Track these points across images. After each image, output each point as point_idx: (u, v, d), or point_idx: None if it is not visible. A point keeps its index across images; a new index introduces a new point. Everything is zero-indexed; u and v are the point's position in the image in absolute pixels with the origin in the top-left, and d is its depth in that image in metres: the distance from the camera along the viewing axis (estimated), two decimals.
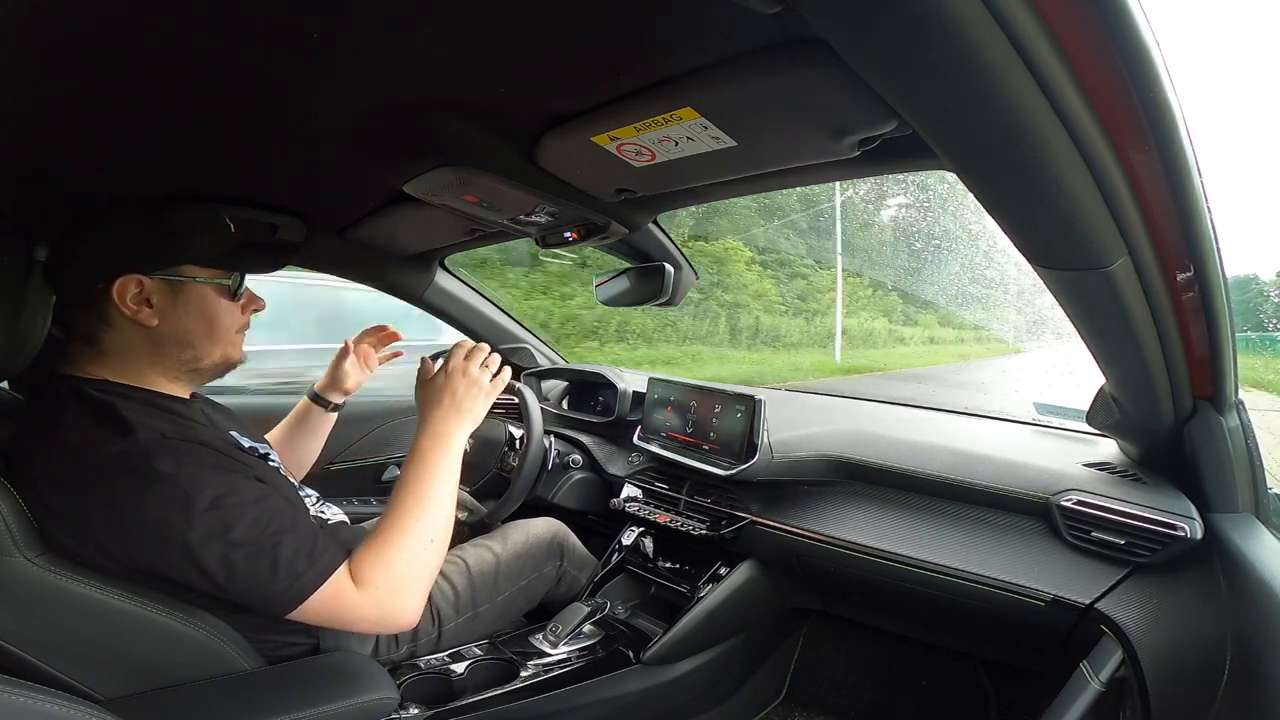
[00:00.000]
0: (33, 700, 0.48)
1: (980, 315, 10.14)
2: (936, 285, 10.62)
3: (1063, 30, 0.38)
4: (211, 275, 0.79)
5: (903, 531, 1.04)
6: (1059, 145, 0.44)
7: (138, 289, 0.74)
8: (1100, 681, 0.78)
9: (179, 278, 0.77)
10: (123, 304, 0.73)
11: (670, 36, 0.54)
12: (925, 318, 13.94)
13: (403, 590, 0.73)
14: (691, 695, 1.19)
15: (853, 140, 0.63)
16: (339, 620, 0.72)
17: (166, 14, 0.49)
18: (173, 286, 0.76)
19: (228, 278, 0.81)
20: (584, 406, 1.70)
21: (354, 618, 0.72)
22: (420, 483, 0.79)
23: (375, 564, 0.73)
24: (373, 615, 0.72)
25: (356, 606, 0.71)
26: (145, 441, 0.67)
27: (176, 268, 0.76)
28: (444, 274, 1.55)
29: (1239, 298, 3.53)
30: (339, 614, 0.71)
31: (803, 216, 9.45)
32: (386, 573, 0.73)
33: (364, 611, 0.71)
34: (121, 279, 0.73)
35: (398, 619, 0.74)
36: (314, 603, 0.69)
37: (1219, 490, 0.83)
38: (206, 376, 0.83)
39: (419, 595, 0.75)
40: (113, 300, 0.73)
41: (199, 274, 0.78)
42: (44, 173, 0.78)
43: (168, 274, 0.76)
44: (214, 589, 0.67)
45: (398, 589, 0.73)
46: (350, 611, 0.71)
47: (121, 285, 0.73)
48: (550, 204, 0.89)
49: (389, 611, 0.73)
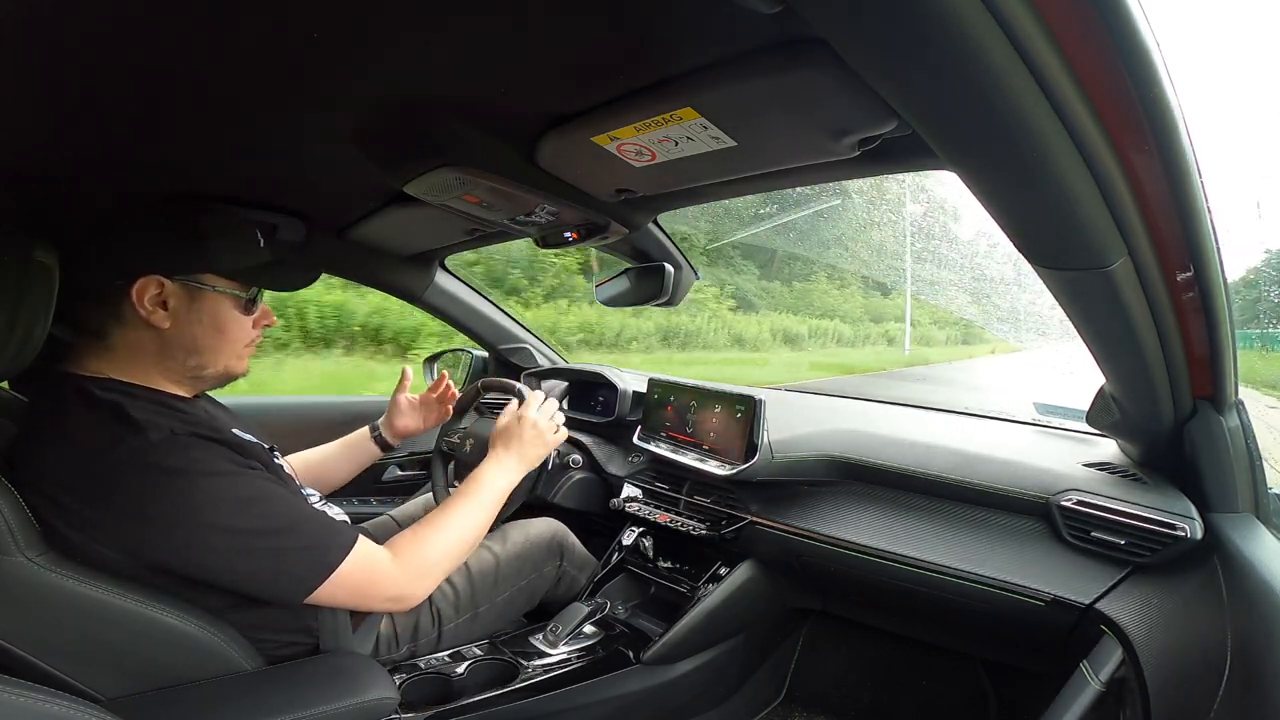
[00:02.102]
0: (33, 700, 0.48)
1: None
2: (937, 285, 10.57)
3: (1063, 30, 0.38)
4: (230, 286, 0.80)
5: (903, 531, 1.04)
6: (1059, 145, 0.44)
7: (157, 290, 0.75)
8: (1100, 681, 0.78)
9: (198, 284, 0.77)
10: (140, 303, 0.74)
11: (670, 36, 0.54)
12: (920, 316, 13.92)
13: (426, 572, 0.83)
14: (691, 695, 1.19)
15: (853, 140, 0.63)
16: (364, 591, 0.77)
17: (166, 14, 0.49)
18: (191, 292, 0.77)
19: (245, 290, 0.82)
20: (584, 406, 1.70)
21: (378, 589, 0.78)
22: (472, 498, 0.92)
23: (414, 545, 0.83)
24: (394, 588, 0.80)
25: (387, 575, 0.79)
26: (156, 439, 0.68)
27: (199, 275, 0.77)
28: (444, 274, 1.55)
29: (1246, 298, 3.52)
30: (368, 581, 0.77)
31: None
32: (424, 553, 0.83)
33: (389, 582, 0.79)
34: (144, 279, 0.74)
35: (411, 596, 0.82)
36: (345, 571, 0.74)
37: (1219, 490, 0.83)
38: (208, 384, 0.84)
39: (436, 581, 0.85)
40: (130, 298, 0.73)
41: (218, 283, 0.79)
42: (44, 172, 0.78)
43: (188, 279, 0.77)
44: (235, 581, 0.69)
45: (428, 569, 0.83)
46: (379, 580, 0.78)
47: (142, 285, 0.74)
48: (550, 204, 0.89)
49: (408, 584, 0.81)
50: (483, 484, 0.93)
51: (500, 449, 0.98)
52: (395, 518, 1.24)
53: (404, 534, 0.84)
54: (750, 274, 12.00)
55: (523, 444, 0.98)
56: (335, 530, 0.76)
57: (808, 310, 12.31)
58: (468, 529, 0.88)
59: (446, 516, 0.88)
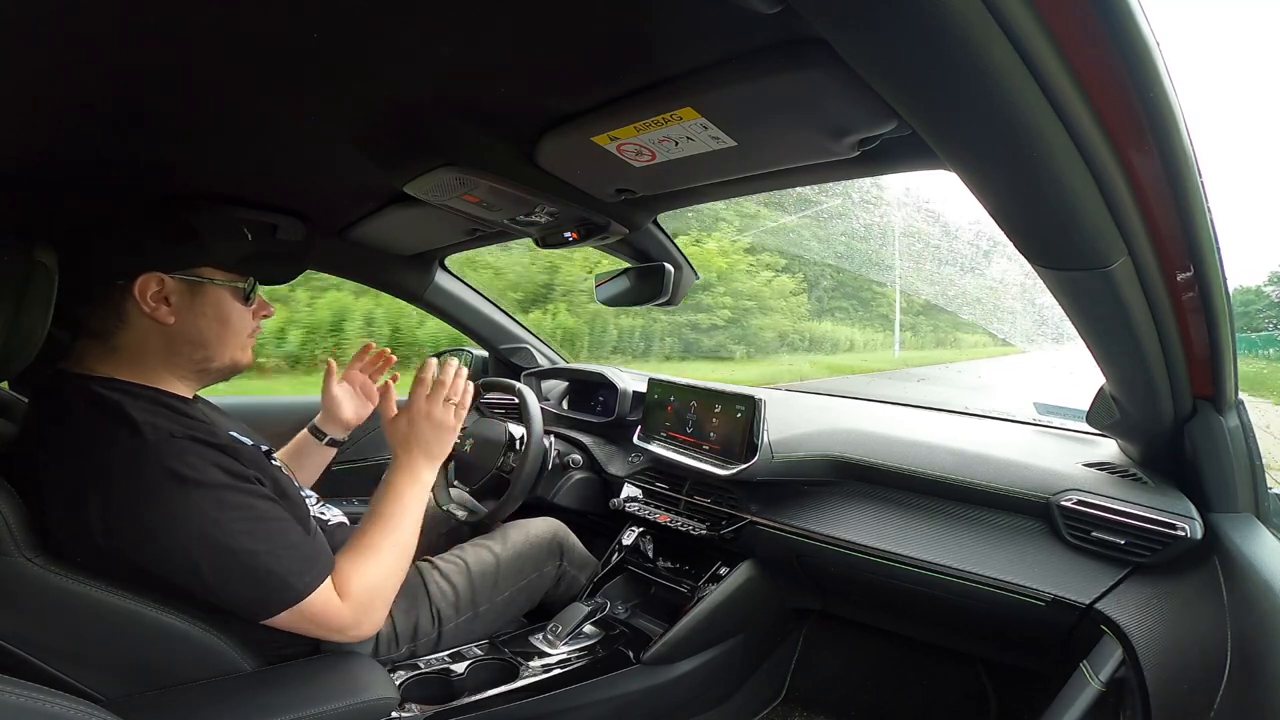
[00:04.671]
0: (33, 700, 0.48)
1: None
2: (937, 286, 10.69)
3: (1063, 30, 0.38)
4: (228, 278, 0.81)
5: (903, 531, 1.04)
6: (1059, 145, 0.44)
7: (158, 287, 0.75)
8: (1100, 681, 0.78)
9: (198, 279, 0.78)
10: (143, 301, 0.74)
11: (670, 36, 0.54)
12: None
13: (377, 602, 0.79)
14: (691, 695, 1.18)
15: (853, 140, 0.63)
16: (314, 628, 0.75)
17: (166, 14, 0.49)
18: (191, 287, 0.78)
19: (243, 282, 0.83)
20: (584, 406, 1.70)
21: (329, 626, 0.75)
22: (394, 513, 0.85)
23: (356, 577, 0.78)
24: (345, 623, 0.76)
25: (337, 615, 0.75)
26: (152, 441, 0.68)
27: (196, 269, 0.78)
28: (444, 274, 1.55)
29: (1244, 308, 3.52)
30: (318, 621, 0.74)
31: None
32: (366, 585, 0.78)
33: (341, 619, 0.75)
34: (144, 277, 0.74)
35: (365, 628, 0.78)
36: (296, 612, 0.72)
37: (1219, 490, 0.83)
38: (214, 378, 0.84)
39: (386, 608, 0.81)
40: (132, 297, 0.74)
41: (217, 276, 0.80)
42: (44, 173, 0.78)
43: (187, 275, 0.77)
44: (204, 591, 0.68)
45: (374, 600, 0.79)
46: (330, 619, 0.75)
47: (143, 283, 0.74)
48: (550, 204, 0.89)
49: (361, 620, 0.77)
50: (395, 498, 0.86)
51: (401, 454, 0.89)
52: None
53: (345, 568, 0.78)
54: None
55: (422, 441, 0.88)
56: (310, 561, 0.74)
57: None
58: (402, 545, 0.84)
59: (379, 541, 0.82)
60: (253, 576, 0.69)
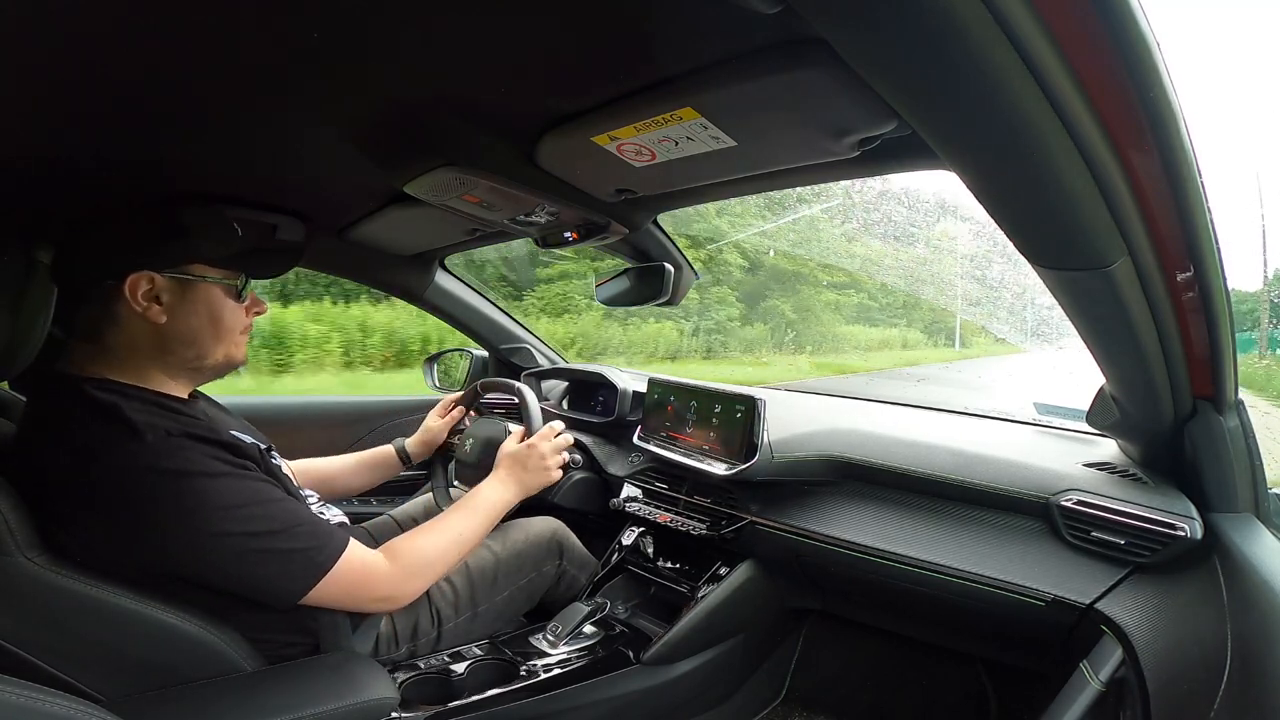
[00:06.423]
0: (33, 700, 0.48)
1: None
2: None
3: (1063, 30, 0.38)
4: (220, 275, 0.81)
5: (903, 531, 1.04)
6: (1059, 145, 0.44)
7: (149, 285, 0.75)
8: (1100, 681, 0.78)
9: (189, 276, 0.78)
10: (134, 300, 0.74)
11: (670, 36, 0.54)
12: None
13: (418, 572, 0.85)
14: (691, 695, 1.18)
15: (853, 140, 0.63)
16: (354, 593, 0.78)
17: (166, 14, 0.49)
18: (182, 285, 0.77)
19: (235, 278, 0.82)
20: (584, 406, 1.70)
21: (371, 591, 0.80)
22: (468, 510, 0.95)
23: (408, 546, 0.85)
24: (385, 588, 0.81)
25: (377, 576, 0.80)
26: (152, 442, 0.68)
27: (186, 266, 0.78)
28: (444, 274, 1.55)
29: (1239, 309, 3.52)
30: (359, 585, 0.78)
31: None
32: (417, 551, 0.85)
33: (379, 582, 0.80)
34: (134, 275, 0.74)
35: (402, 596, 0.84)
36: (330, 581, 0.74)
37: (1219, 490, 0.82)
38: (208, 376, 0.84)
39: (427, 582, 0.87)
40: (123, 296, 0.73)
41: (208, 273, 0.79)
42: (44, 173, 0.78)
43: (178, 272, 0.77)
44: (228, 582, 0.69)
45: (420, 568, 0.85)
46: (371, 582, 0.79)
47: (134, 282, 0.74)
48: (550, 204, 0.89)
49: (402, 584, 0.83)
50: (481, 499, 0.97)
51: (504, 470, 1.02)
52: (395, 517, 1.24)
53: (400, 537, 0.87)
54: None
55: (526, 471, 1.03)
56: (328, 534, 0.77)
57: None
58: (462, 536, 0.91)
59: (443, 522, 0.92)
60: (276, 556, 0.71)
